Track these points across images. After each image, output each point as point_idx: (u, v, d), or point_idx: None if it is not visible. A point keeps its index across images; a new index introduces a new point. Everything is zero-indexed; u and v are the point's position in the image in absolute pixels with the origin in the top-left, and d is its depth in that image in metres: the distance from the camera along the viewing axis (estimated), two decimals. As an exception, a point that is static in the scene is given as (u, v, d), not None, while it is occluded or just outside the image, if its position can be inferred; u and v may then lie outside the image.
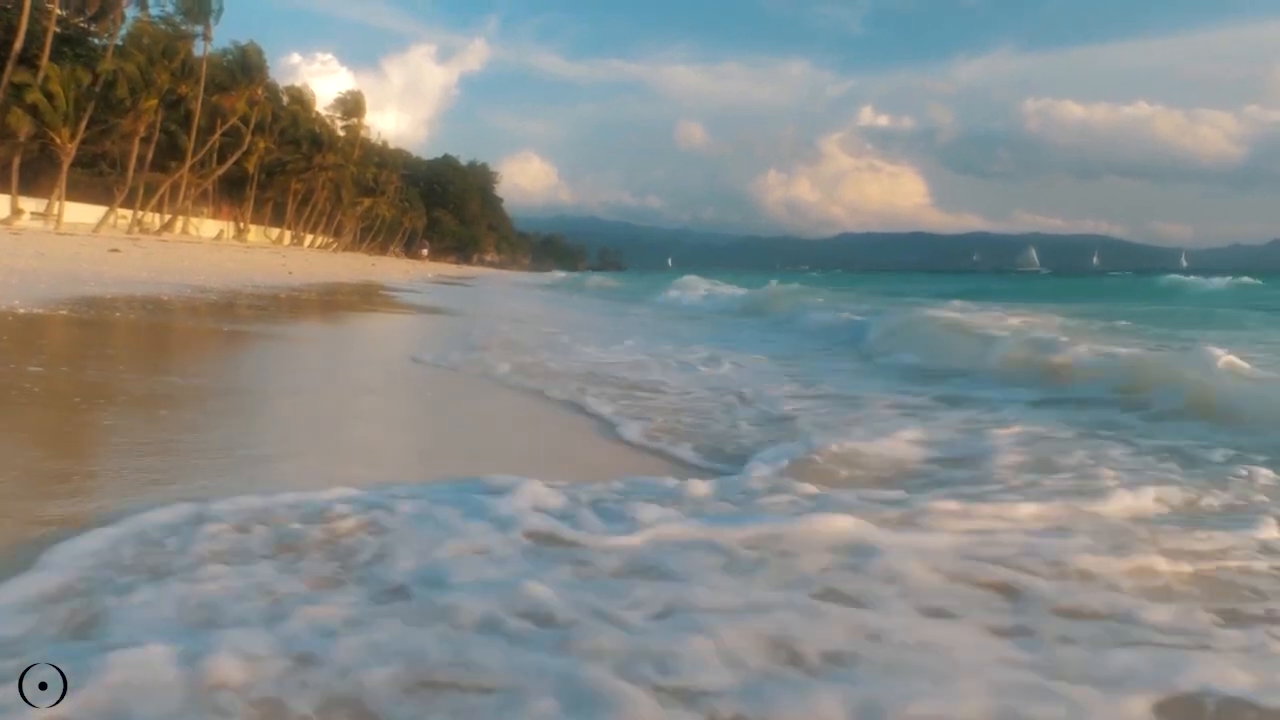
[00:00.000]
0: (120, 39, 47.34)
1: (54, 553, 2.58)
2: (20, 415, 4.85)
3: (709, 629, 2.28)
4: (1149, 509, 3.67)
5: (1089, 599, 2.67)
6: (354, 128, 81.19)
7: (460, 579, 2.60)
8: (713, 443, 5.05)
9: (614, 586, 2.61)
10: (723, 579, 2.71)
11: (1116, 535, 3.27)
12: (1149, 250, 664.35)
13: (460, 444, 5.27)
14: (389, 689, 1.95)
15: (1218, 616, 2.57)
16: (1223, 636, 2.44)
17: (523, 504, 3.37)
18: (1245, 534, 3.32)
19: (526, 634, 2.26)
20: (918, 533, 3.19)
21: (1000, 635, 2.39)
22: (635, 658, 2.13)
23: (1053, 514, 3.53)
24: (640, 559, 2.87)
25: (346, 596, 2.45)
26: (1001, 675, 2.13)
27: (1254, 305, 22.66)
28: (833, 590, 2.64)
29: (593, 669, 2.07)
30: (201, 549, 2.72)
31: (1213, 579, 2.89)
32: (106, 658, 1.95)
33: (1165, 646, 2.35)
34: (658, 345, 11.51)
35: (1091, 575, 2.87)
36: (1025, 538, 3.20)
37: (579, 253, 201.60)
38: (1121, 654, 2.29)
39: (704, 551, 2.94)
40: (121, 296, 13.80)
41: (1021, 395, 6.89)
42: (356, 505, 3.25)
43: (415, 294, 27.72)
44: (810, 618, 2.42)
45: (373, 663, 2.03)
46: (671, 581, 2.67)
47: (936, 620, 2.47)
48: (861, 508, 3.49)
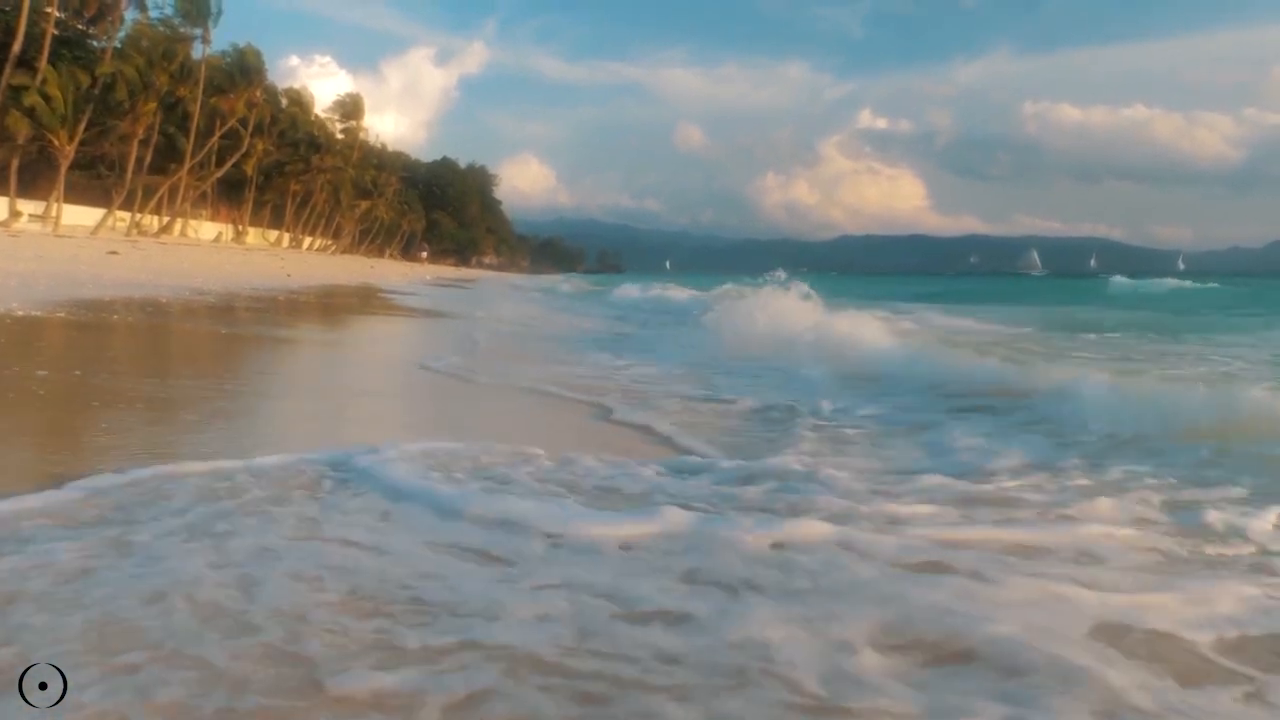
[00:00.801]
0: (119, 41, 47.28)
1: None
2: (20, 415, 4.86)
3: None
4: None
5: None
6: (353, 130, 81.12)
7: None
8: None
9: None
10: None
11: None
12: (1147, 253, 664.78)
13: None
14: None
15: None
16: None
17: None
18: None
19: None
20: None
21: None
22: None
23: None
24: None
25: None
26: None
27: (1179, 310, 22.54)
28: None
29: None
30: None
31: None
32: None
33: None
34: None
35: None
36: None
37: (578, 255, 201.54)
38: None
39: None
40: (120, 299, 13.79)
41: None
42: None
43: (414, 296, 27.74)
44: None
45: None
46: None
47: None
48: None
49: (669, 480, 4.16)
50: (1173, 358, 9.83)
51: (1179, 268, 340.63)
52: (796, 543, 3.12)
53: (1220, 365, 8.99)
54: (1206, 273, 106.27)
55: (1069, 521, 3.58)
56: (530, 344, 13.29)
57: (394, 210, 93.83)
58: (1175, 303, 27.78)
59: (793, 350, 10.13)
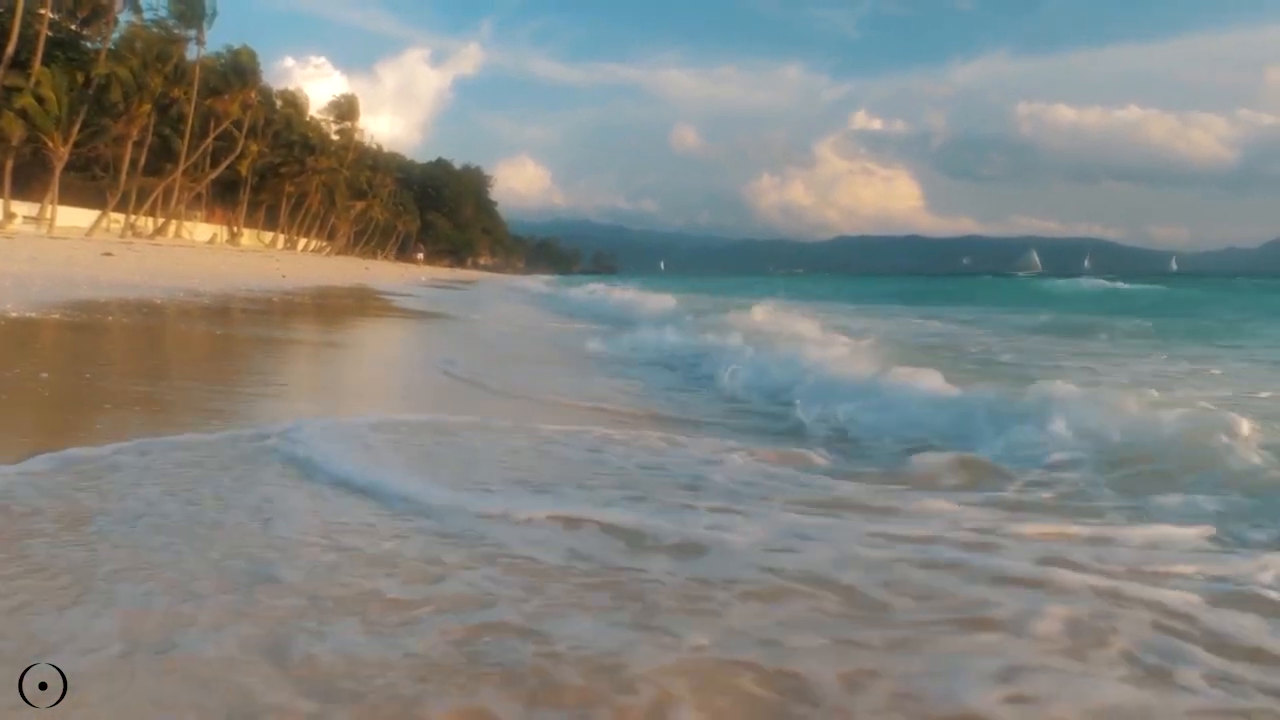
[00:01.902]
0: (113, 43, 47.15)
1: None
2: (15, 417, 4.86)
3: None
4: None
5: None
6: (348, 131, 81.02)
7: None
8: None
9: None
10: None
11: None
12: (1143, 254, 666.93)
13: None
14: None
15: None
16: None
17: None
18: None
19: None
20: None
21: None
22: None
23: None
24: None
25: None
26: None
27: (1097, 311, 21.45)
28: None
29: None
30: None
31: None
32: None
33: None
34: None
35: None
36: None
37: (573, 256, 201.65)
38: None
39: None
40: (115, 300, 13.77)
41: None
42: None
43: (410, 298, 27.74)
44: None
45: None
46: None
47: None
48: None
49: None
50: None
51: (1171, 268, 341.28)
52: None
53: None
54: (1200, 273, 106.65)
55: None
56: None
57: (389, 211, 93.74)
58: (1096, 305, 27.11)
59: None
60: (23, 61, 40.57)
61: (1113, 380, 7.29)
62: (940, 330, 15.91)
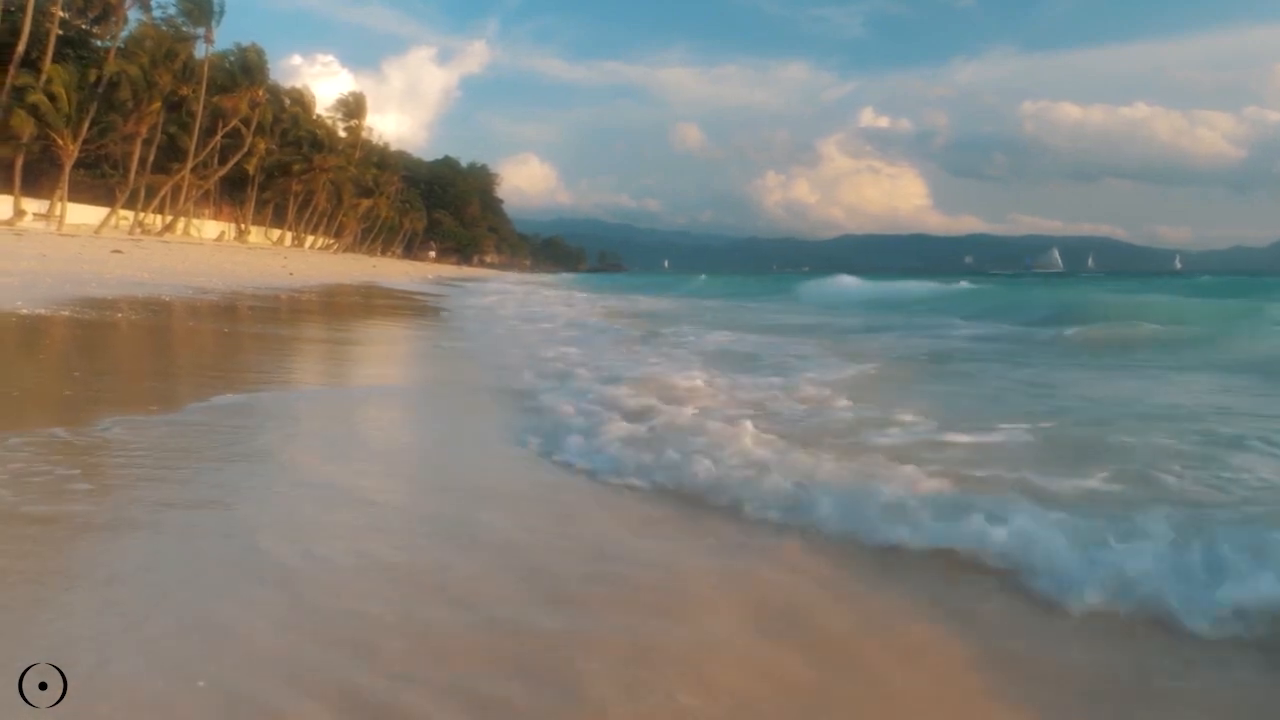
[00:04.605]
0: (122, 41, 47.35)
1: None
2: (17, 415, 4.87)
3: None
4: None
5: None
6: (355, 129, 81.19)
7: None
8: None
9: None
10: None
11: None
12: (1149, 252, 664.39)
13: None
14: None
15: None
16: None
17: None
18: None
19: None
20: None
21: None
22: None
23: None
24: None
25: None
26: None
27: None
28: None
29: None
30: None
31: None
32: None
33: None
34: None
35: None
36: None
37: (579, 255, 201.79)
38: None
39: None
40: (124, 298, 13.83)
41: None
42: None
43: (418, 297, 27.78)
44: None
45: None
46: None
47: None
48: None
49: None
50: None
51: (1175, 267, 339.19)
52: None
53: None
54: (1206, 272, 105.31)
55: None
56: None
57: (396, 209, 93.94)
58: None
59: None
60: (33, 59, 40.78)
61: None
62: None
